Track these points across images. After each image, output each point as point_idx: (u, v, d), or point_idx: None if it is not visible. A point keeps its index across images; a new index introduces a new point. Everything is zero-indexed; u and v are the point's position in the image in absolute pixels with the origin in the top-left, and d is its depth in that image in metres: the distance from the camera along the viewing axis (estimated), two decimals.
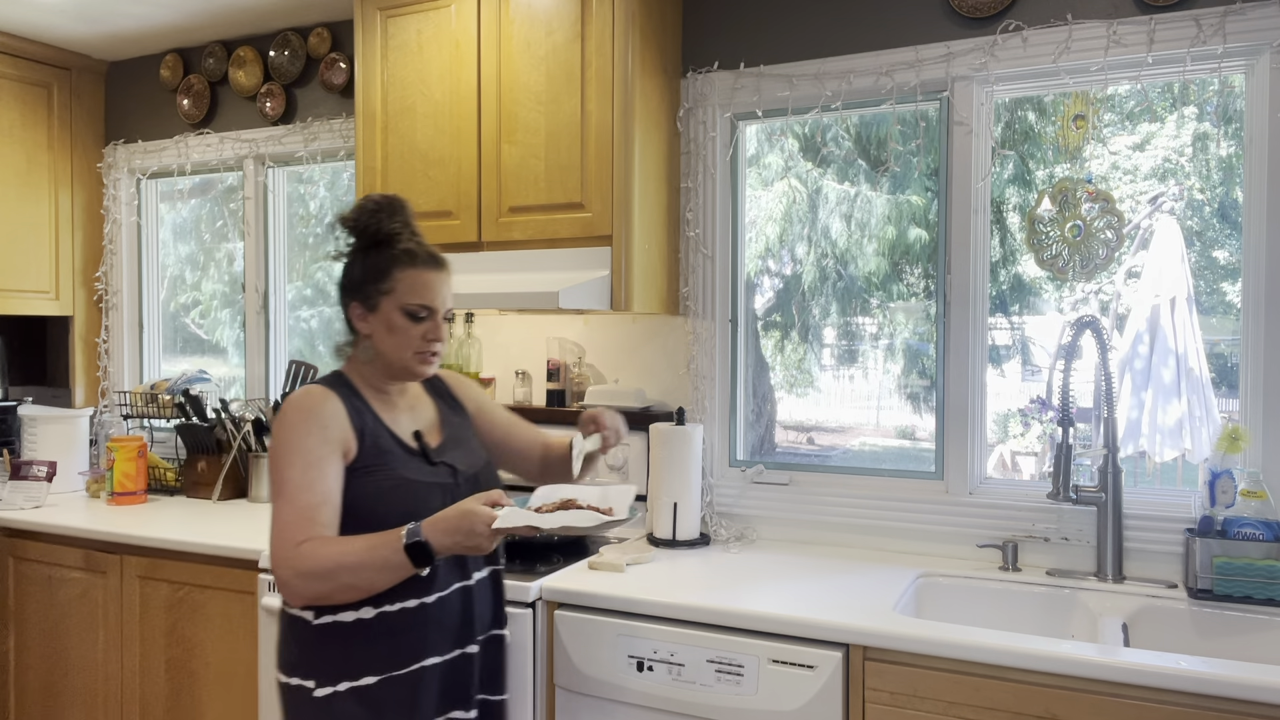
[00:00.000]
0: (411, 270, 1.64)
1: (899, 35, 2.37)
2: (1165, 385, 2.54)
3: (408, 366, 1.67)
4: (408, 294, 1.64)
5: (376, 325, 1.66)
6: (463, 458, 1.73)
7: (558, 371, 2.70)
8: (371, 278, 1.66)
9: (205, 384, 3.32)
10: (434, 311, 1.66)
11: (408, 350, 1.65)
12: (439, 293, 1.67)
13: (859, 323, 2.65)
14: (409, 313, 1.64)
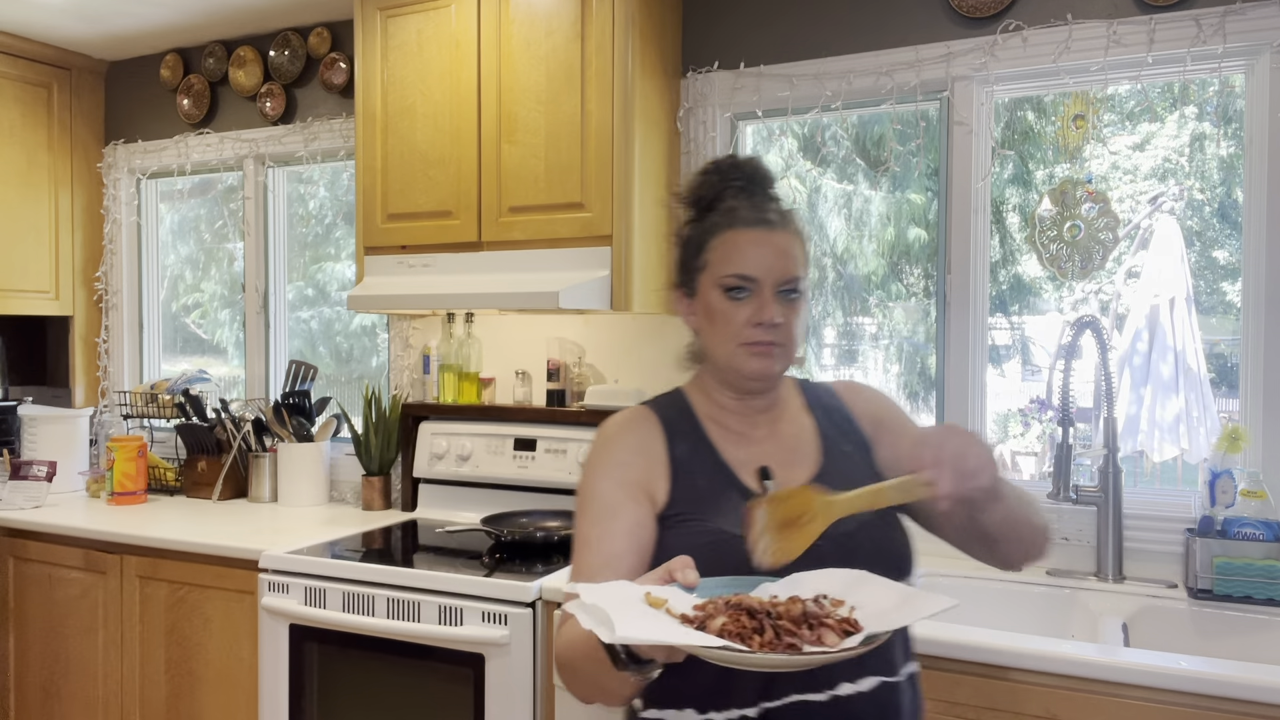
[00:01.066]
0: (729, 233, 1.25)
1: (899, 35, 2.37)
2: (1164, 382, 2.54)
3: (733, 365, 1.25)
4: (722, 263, 1.24)
5: (699, 315, 1.29)
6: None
7: (558, 371, 2.70)
8: (690, 253, 1.30)
9: (205, 384, 3.32)
10: (757, 283, 1.22)
11: (730, 341, 1.24)
12: (763, 258, 1.22)
13: (859, 323, 2.65)
14: (725, 288, 1.23)
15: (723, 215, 1.27)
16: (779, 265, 1.23)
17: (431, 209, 2.54)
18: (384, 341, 3.23)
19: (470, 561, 2.24)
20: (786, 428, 1.33)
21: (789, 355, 1.26)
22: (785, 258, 1.24)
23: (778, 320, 1.22)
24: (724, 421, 1.31)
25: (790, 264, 1.24)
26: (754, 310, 1.22)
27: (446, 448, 2.76)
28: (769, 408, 1.33)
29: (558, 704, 2.01)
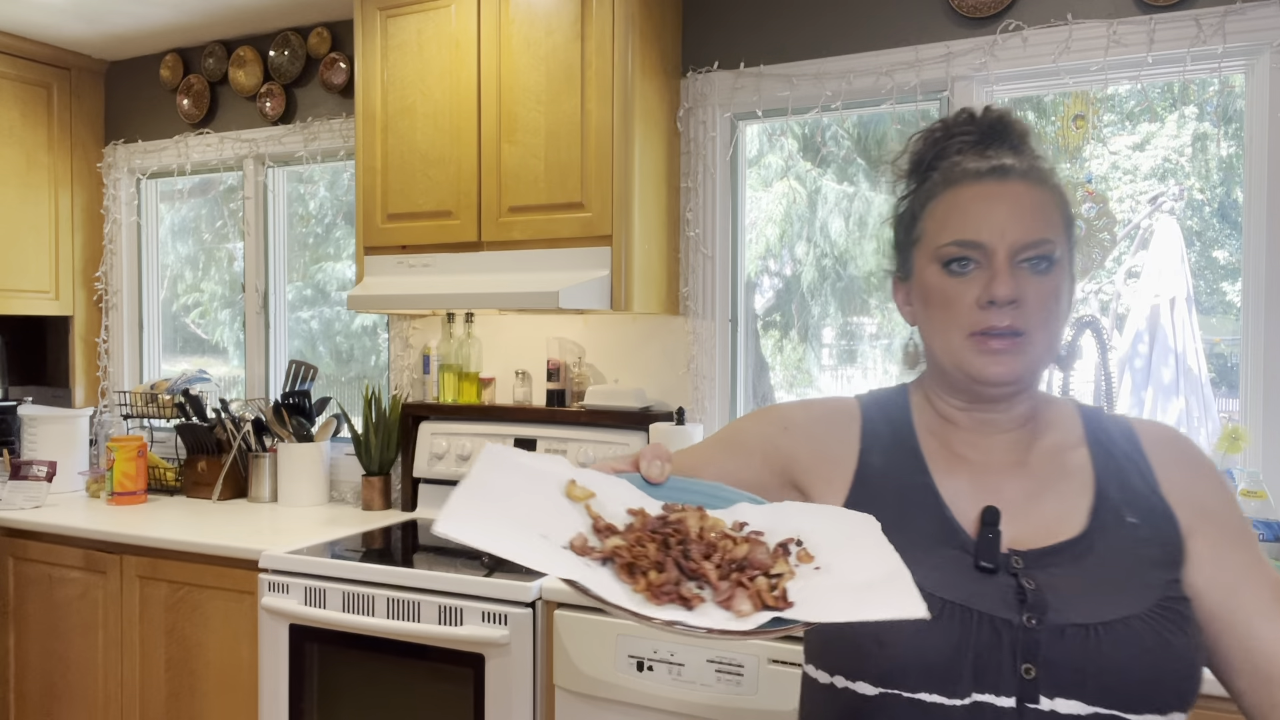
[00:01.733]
0: (948, 192, 0.95)
1: (899, 35, 2.37)
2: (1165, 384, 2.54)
3: (959, 363, 0.93)
4: (939, 230, 0.95)
5: (915, 302, 1.00)
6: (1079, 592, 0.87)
7: (558, 371, 2.70)
8: (903, 228, 1.02)
9: (205, 384, 3.32)
10: (986, 251, 0.91)
11: (953, 331, 0.93)
12: (992, 216, 0.91)
13: (858, 323, 2.65)
14: (943, 261, 0.93)
15: (943, 174, 0.98)
16: (1016, 225, 0.90)
17: (431, 209, 2.54)
18: (384, 341, 3.23)
19: (470, 561, 2.24)
20: (1043, 463, 0.96)
21: (1038, 350, 0.92)
22: (1026, 215, 0.91)
23: (1015, 297, 0.89)
24: (948, 439, 0.99)
25: (1033, 223, 0.90)
26: (985, 286, 0.90)
27: (446, 448, 2.76)
28: (1017, 427, 0.97)
29: (558, 704, 2.01)
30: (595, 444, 2.56)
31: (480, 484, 0.73)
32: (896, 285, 1.05)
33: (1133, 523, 0.92)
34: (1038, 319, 0.91)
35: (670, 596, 0.68)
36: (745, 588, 0.69)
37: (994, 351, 0.91)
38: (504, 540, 0.67)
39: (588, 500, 0.76)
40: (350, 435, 2.93)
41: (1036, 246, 0.91)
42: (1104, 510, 0.93)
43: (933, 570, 0.89)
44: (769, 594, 0.69)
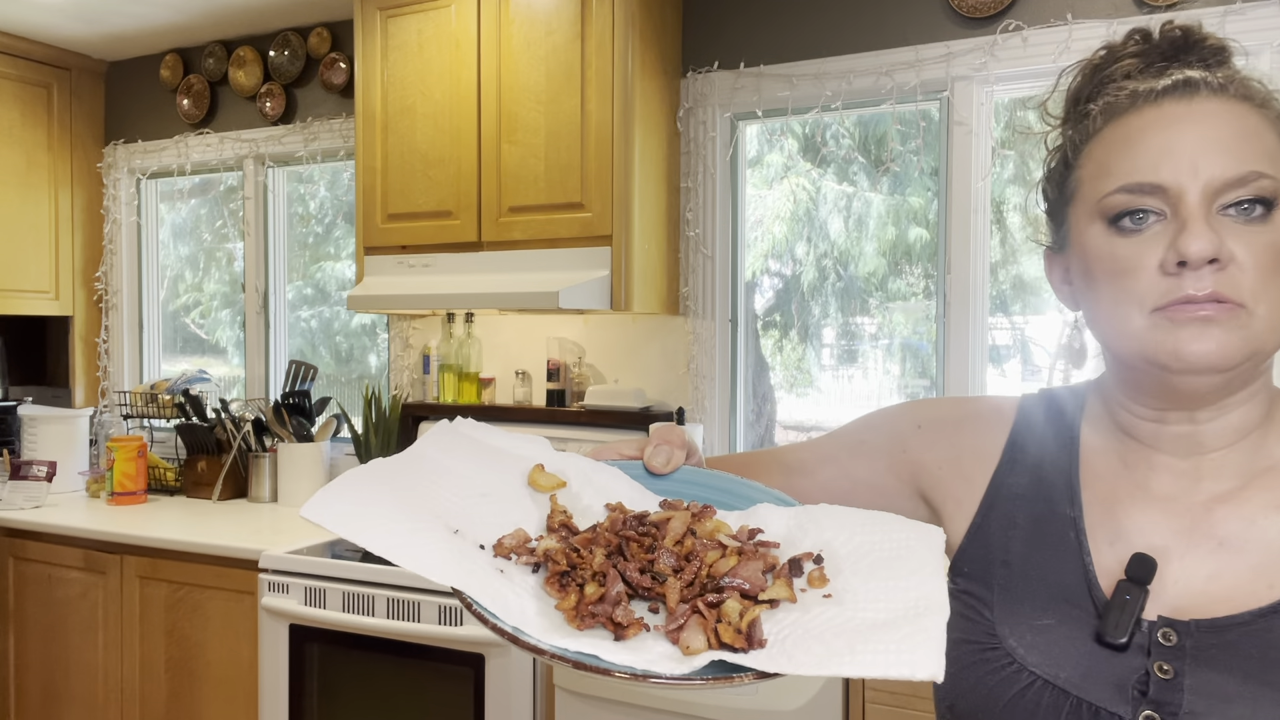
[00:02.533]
0: (1109, 127, 0.72)
1: (899, 35, 2.37)
2: None
3: (1144, 350, 0.68)
4: (1099, 176, 0.71)
5: (1076, 280, 0.75)
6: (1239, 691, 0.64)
7: (558, 371, 2.70)
8: (1055, 184, 0.77)
9: (205, 384, 3.32)
10: (1170, 195, 0.66)
11: (1130, 309, 0.68)
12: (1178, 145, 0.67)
13: (859, 322, 2.65)
14: (1108, 216, 0.69)
15: (1104, 107, 0.73)
16: (1213, 156, 0.66)
17: (431, 209, 2.54)
18: (384, 341, 3.23)
19: None
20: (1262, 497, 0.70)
21: (1261, 326, 0.65)
22: (1228, 142, 0.66)
23: (1219, 253, 0.64)
24: (1131, 460, 0.75)
25: (1239, 152, 0.66)
26: (1169, 242, 0.66)
27: None
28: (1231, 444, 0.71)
29: (558, 704, 2.01)
30: (595, 444, 2.54)
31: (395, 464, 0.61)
32: (1051, 261, 0.80)
33: None
34: (1256, 284, 0.64)
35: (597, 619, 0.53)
36: (702, 616, 0.53)
37: (1195, 320, 0.64)
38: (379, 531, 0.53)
39: (555, 490, 0.63)
40: (350, 435, 2.93)
41: (1246, 184, 0.65)
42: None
43: (1037, 634, 0.70)
44: (730, 629, 0.53)
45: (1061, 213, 0.76)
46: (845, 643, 0.52)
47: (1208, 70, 0.71)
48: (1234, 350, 0.64)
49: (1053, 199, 0.78)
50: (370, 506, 0.55)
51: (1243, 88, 0.69)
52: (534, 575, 0.57)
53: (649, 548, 0.58)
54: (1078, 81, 0.78)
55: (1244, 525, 0.69)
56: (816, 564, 0.60)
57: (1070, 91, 0.78)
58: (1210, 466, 0.71)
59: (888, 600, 0.56)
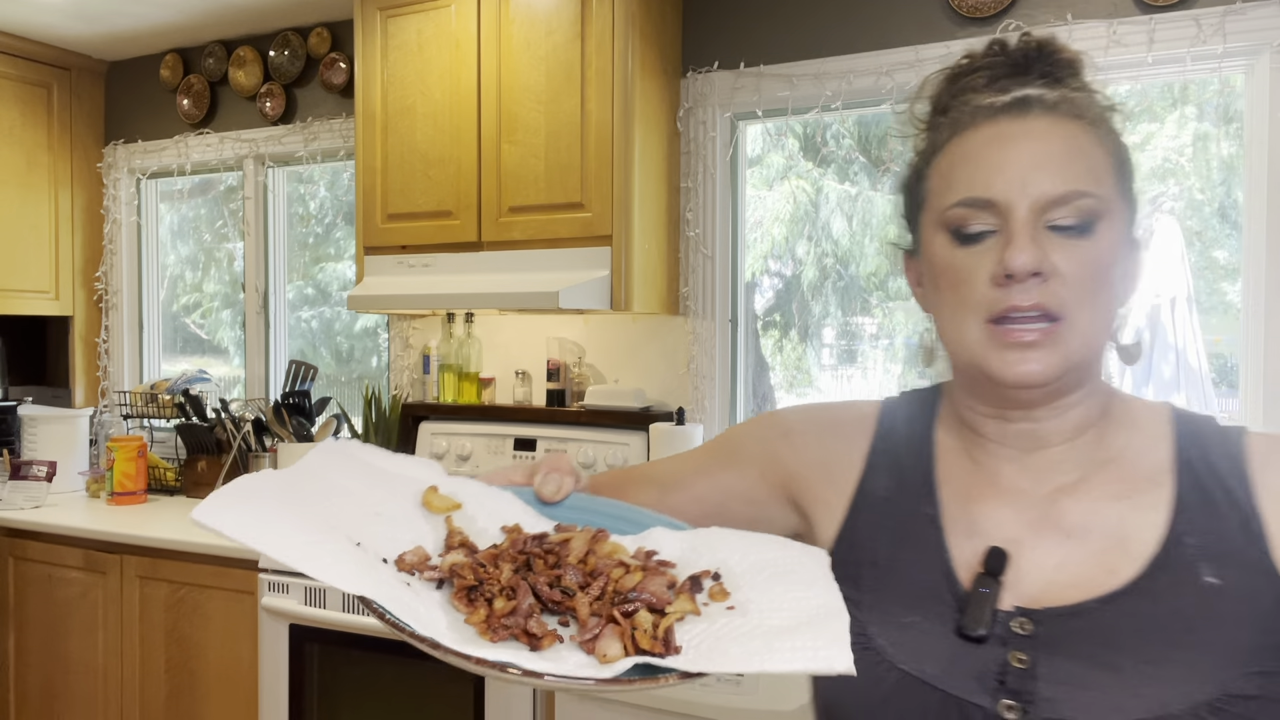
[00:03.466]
0: (954, 140, 0.74)
1: (899, 35, 2.37)
2: (1165, 381, 2.55)
3: (976, 360, 0.72)
4: (943, 188, 0.74)
5: (927, 284, 0.78)
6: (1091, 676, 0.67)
7: (558, 371, 2.70)
8: (910, 191, 0.81)
9: (205, 384, 3.32)
10: (1000, 209, 0.70)
11: (966, 317, 0.72)
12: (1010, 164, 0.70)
13: (859, 322, 2.65)
14: (950, 228, 0.73)
15: (951, 118, 0.76)
16: (1043, 173, 0.69)
17: (431, 209, 2.54)
18: (384, 341, 3.23)
19: None
20: (1104, 490, 0.74)
21: (1081, 339, 0.70)
22: (1056, 159, 0.70)
23: (1041, 267, 0.68)
24: (980, 456, 0.78)
25: (1067, 169, 0.69)
26: (1000, 255, 0.69)
27: (446, 448, 2.76)
28: (1069, 439, 0.75)
29: (558, 704, 2.01)
30: (595, 444, 2.56)
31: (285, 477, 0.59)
32: (908, 263, 0.83)
33: (1210, 583, 0.68)
34: (1077, 297, 0.69)
35: (511, 632, 0.54)
36: (617, 625, 0.55)
37: (1018, 345, 0.69)
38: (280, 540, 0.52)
39: (450, 511, 0.62)
40: (350, 435, 2.93)
41: (1069, 202, 0.69)
42: (1170, 561, 0.69)
43: (902, 630, 0.72)
44: (647, 636, 0.55)
45: (915, 219, 0.79)
46: (760, 644, 0.54)
47: (1049, 87, 0.73)
48: (1054, 367, 0.69)
49: (907, 205, 0.81)
50: (267, 515, 0.54)
51: (1074, 107, 0.72)
52: (439, 591, 0.57)
53: (553, 565, 0.59)
54: (939, 89, 0.79)
55: (1086, 515, 0.73)
56: (715, 580, 0.62)
57: (932, 99, 0.80)
58: (1053, 460, 0.75)
59: (790, 609, 0.58)
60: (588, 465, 2.55)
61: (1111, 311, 0.73)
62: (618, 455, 2.53)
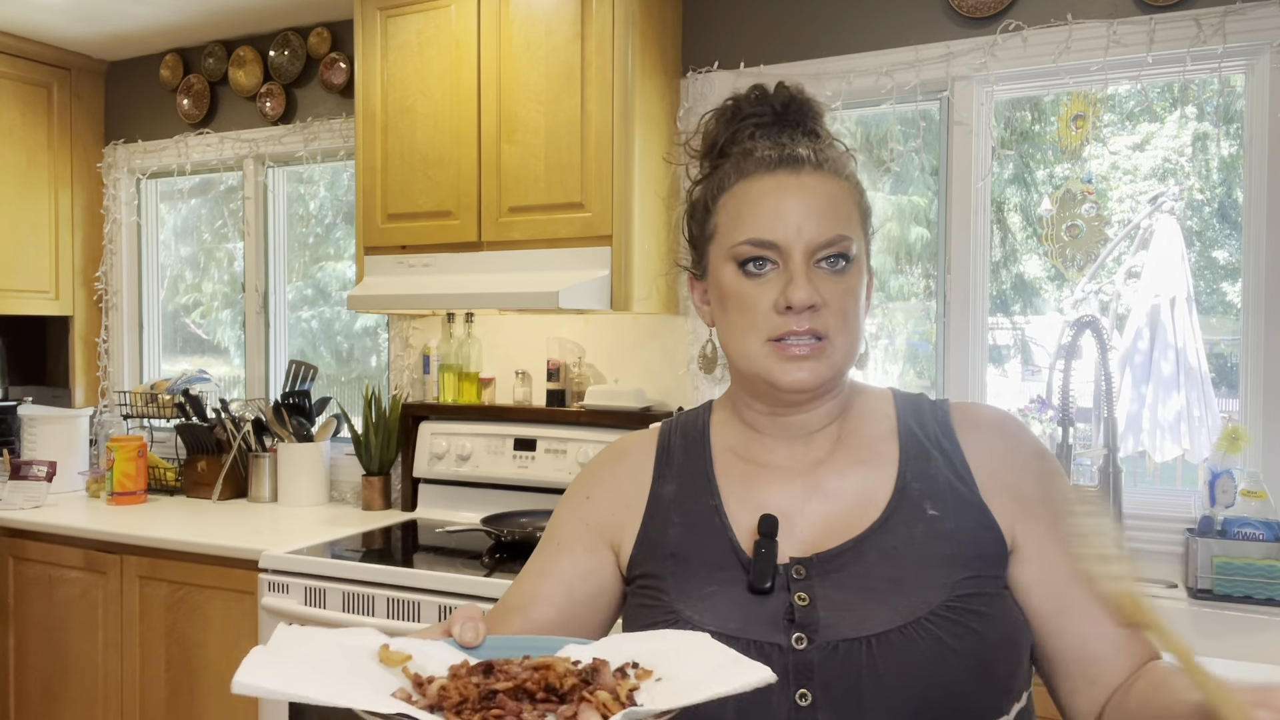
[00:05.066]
0: (740, 183, 0.90)
1: (899, 35, 2.36)
2: (1165, 379, 2.55)
3: (759, 371, 0.89)
4: (731, 226, 0.90)
5: (712, 300, 0.95)
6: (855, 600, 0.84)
7: (558, 371, 2.70)
8: (697, 220, 0.96)
9: (205, 384, 3.32)
10: (781, 251, 0.86)
11: (750, 336, 0.88)
12: (788, 212, 0.87)
13: None
14: (738, 261, 0.88)
15: (734, 162, 0.92)
16: (813, 221, 0.86)
17: (431, 209, 2.54)
18: (384, 341, 3.23)
19: (470, 561, 2.24)
20: (846, 460, 0.93)
21: (840, 353, 0.88)
22: (822, 211, 0.86)
23: (814, 301, 0.85)
24: (751, 449, 0.95)
25: (830, 218, 0.86)
26: (781, 288, 0.86)
27: (446, 448, 2.76)
28: (824, 426, 0.94)
29: None
30: (595, 444, 2.56)
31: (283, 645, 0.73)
32: (693, 283, 0.99)
33: (933, 515, 0.88)
34: (838, 321, 0.87)
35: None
36: (589, 701, 0.67)
37: (794, 358, 0.86)
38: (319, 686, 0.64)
39: (404, 663, 0.74)
40: (350, 435, 2.93)
41: (834, 245, 0.87)
42: (902, 504, 0.88)
43: (704, 600, 0.86)
44: (615, 702, 0.66)
45: (703, 247, 0.94)
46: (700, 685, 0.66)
47: (812, 142, 0.91)
48: (821, 375, 0.87)
49: (695, 233, 0.96)
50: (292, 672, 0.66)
51: (832, 163, 0.90)
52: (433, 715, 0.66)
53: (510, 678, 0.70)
54: (713, 128, 0.97)
55: (838, 479, 0.92)
56: (635, 667, 0.73)
57: (707, 136, 0.97)
58: (813, 443, 0.94)
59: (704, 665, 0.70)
60: None
61: (861, 329, 0.91)
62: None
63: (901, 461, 0.91)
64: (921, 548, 0.86)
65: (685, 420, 1.03)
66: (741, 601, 0.86)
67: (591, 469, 1.03)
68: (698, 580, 0.89)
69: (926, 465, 0.91)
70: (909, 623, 0.81)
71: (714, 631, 0.79)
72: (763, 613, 0.84)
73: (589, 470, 1.03)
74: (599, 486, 1.00)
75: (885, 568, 0.85)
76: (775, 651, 0.81)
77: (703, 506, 0.93)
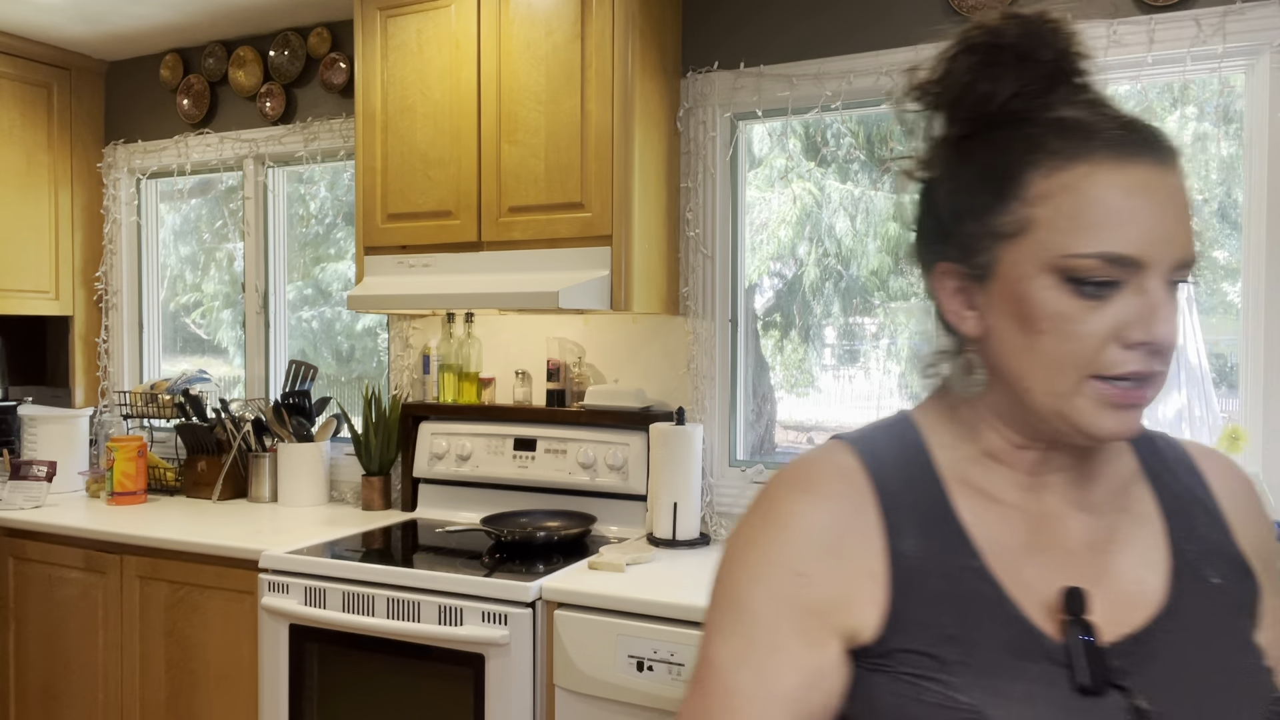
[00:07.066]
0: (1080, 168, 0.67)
1: (899, 35, 2.36)
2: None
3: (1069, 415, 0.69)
4: (1068, 228, 0.67)
5: (992, 312, 0.72)
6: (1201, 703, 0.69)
7: (558, 371, 2.70)
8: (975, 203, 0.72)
9: (205, 384, 3.32)
10: (1141, 269, 0.67)
11: (1066, 370, 0.68)
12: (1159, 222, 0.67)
13: (860, 322, 2.65)
14: (1074, 276, 0.67)
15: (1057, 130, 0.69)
16: (1182, 233, 0.67)
17: (431, 209, 2.54)
18: (384, 341, 3.23)
19: (470, 561, 2.24)
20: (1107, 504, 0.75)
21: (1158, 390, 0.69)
22: (1185, 220, 0.68)
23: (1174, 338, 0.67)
24: (989, 486, 0.75)
25: (1190, 230, 0.68)
26: (1133, 319, 0.66)
27: (446, 448, 2.76)
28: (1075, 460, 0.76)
29: (558, 704, 2.01)
30: (595, 444, 2.56)
31: None
32: (943, 278, 0.75)
33: (1217, 584, 0.72)
34: (1169, 355, 0.68)
35: None
36: None
37: (1122, 406, 0.67)
38: None
39: None
40: (350, 435, 2.93)
41: (1191, 266, 0.68)
42: (1184, 568, 0.72)
43: (1022, 704, 0.66)
44: None
45: (987, 243, 0.71)
46: None
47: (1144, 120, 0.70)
48: (1139, 426, 0.69)
49: (971, 225, 0.72)
50: None
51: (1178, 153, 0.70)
52: None
53: None
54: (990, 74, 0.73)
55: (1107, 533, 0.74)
56: None
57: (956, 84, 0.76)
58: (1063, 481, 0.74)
59: None
60: (588, 465, 2.55)
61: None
62: (618, 455, 2.53)
63: (1165, 513, 0.75)
64: (1225, 626, 0.71)
65: (888, 444, 0.77)
66: (1070, 705, 0.66)
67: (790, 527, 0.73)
68: (998, 675, 0.67)
69: (1190, 519, 0.75)
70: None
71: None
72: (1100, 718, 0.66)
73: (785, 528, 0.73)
74: (812, 557, 0.72)
75: (1206, 656, 0.69)
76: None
77: (965, 571, 0.71)
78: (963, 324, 0.74)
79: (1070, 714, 0.65)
